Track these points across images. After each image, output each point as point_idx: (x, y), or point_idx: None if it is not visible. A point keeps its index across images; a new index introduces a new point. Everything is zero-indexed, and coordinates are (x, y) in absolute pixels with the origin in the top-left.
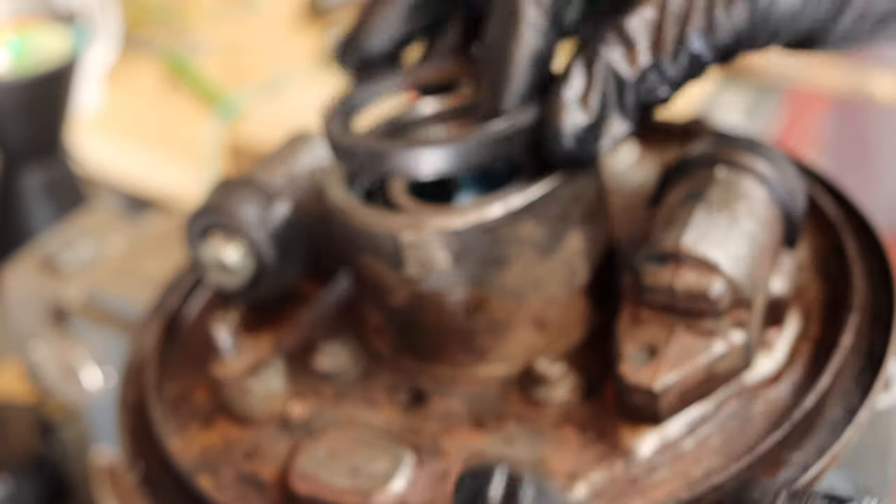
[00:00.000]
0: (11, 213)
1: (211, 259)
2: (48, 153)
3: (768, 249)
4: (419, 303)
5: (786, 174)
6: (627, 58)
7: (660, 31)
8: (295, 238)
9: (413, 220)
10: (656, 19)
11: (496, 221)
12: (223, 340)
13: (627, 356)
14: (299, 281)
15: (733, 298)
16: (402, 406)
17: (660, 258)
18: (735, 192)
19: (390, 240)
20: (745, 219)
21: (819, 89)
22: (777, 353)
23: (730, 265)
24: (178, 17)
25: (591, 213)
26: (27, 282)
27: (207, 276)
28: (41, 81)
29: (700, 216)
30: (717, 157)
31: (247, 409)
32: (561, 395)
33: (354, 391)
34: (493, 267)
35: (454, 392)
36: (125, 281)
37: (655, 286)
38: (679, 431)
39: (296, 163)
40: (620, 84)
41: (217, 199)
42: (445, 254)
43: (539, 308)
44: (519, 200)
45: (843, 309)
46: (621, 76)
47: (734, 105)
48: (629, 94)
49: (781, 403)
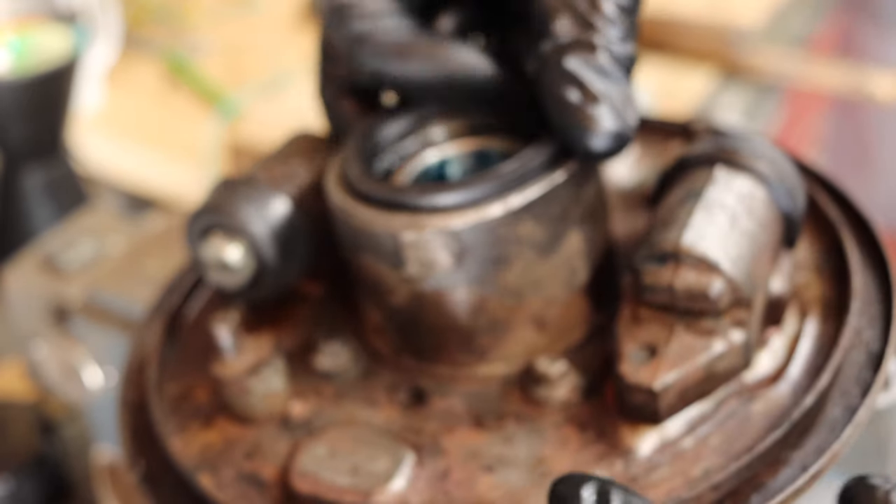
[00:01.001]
0: (12, 212)
1: (211, 258)
2: (49, 153)
3: (768, 249)
4: (419, 302)
5: (785, 174)
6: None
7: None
8: (295, 237)
9: (413, 219)
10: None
11: (496, 221)
12: (224, 340)
13: (627, 355)
14: (300, 280)
15: (733, 298)
16: (402, 405)
17: (660, 258)
18: (735, 192)
19: (391, 239)
20: (744, 218)
21: (819, 89)
22: (776, 351)
23: (729, 264)
24: (179, 16)
25: (591, 212)
26: (28, 281)
27: (208, 276)
28: (42, 81)
29: (700, 216)
30: (717, 157)
31: (247, 408)
32: (561, 395)
33: (355, 390)
34: (493, 266)
35: (454, 391)
36: (125, 280)
37: (655, 286)
38: (678, 430)
39: (296, 161)
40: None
41: (217, 199)
42: (446, 253)
43: (539, 308)
44: (519, 200)
45: (842, 308)
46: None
47: (734, 104)
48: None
49: (781, 402)
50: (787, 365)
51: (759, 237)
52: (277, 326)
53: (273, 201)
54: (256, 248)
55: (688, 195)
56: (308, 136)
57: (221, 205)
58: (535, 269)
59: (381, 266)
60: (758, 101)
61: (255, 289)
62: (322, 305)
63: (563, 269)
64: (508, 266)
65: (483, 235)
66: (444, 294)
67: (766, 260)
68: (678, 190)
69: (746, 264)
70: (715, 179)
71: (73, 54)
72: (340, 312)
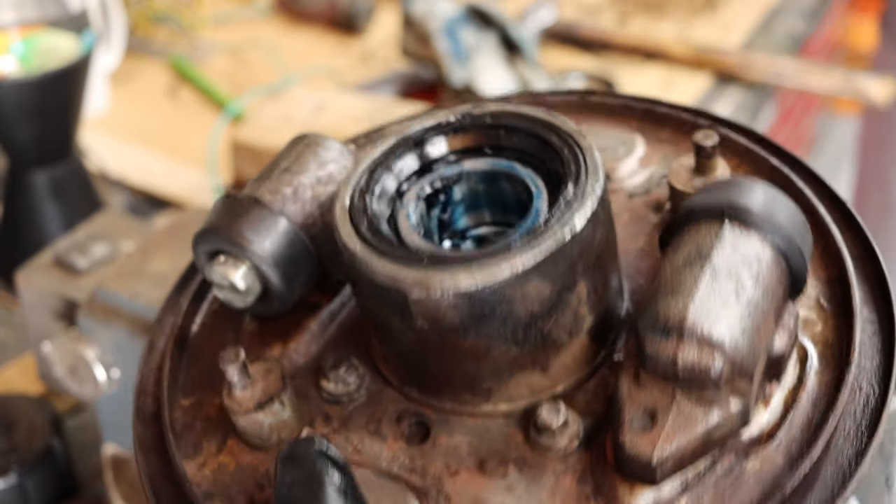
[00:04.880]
0: (23, 213)
1: (220, 280)
2: (58, 154)
3: (773, 315)
4: (425, 348)
5: (794, 230)
6: None
7: None
8: (302, 255)
9: (422, 277)
10: None
11: (504, 282)
12: (232, 375)
13: (628, 422)
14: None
15: (735, 373)
16: (407, 440)
17: (663, 330)
18: (742, 255)
19: (399, 295)
20: (751, 287)
21: (812, 90)
22: (773, 407)
23: (733, 345)
24: (183, 19)
25: (599, 259)
26: (42, 283)
27: (217, 292)
28: (49, 82)
29: (705, 286)
30: (726, 212)
31: (258, 438)
32: (562, 444)
33: (361, 418)
34: (500, 322)
35: (459, 428)
36: (135, 279)
37: (657, 357)
38: (673, 491)
39: (301, 170)
40: None
41: (222, 221)
42: (453, 312)
43: (544, 355)
44: (527, 261)
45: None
46: None
47: (728, 105)
48: None
49: (775, 461)
50: (783, 421)
51: (765, 306)
52: (286, 338)
53: (278, 220)
54: (262, 273)
55: (695, 256)
56: (312, 139)
57: (226, 229)
58: (541, 323)
59: (388, 312)
60: (751, 103)
61: (263, 306)
62: (330, 318)
63: (569, 319)
64: (516, 320)
65: (491, 295)
66: (449, 343)
67: (770, 327)
68: (685, 245)
69: (750, 339)
70: (722, 239)
71: (79, 57)
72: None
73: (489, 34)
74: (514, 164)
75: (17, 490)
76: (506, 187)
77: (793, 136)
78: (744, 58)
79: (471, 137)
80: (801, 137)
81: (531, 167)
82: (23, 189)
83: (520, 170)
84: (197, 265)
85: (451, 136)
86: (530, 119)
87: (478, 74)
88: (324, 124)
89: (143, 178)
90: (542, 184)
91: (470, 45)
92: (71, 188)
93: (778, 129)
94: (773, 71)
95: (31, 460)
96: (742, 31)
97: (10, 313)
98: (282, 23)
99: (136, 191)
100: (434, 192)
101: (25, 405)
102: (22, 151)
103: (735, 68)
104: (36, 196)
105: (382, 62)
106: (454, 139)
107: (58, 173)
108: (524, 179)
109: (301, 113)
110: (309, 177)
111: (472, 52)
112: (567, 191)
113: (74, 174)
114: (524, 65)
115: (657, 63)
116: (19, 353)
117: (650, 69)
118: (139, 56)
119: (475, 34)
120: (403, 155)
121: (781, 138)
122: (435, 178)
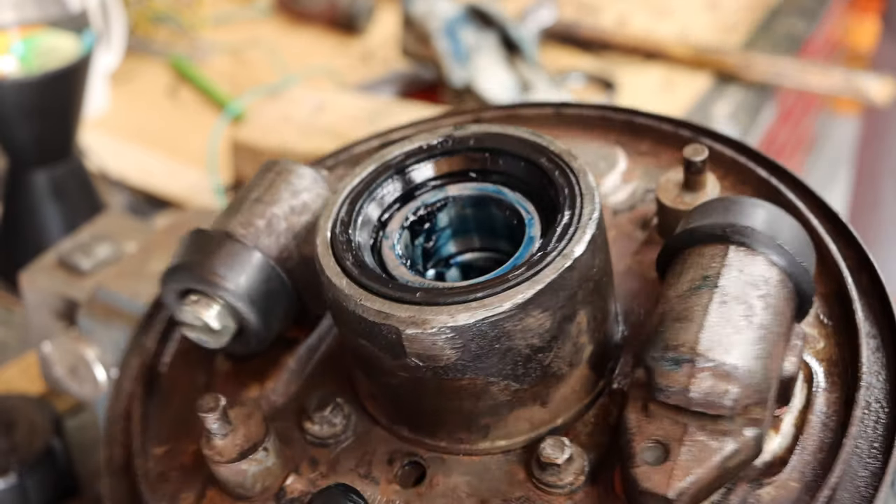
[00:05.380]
0: (23, 213)
1: (192, 320)
2: (59, 153)
3: (783, 338)
4: (418, 385)
5: (798, 250)
6: None
7: None
8: (279, 290)
9: (416, 313)
10: None
11: (502, 315)
12: (212, 423)
13: (639, 455)
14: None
15: (750, 400)
16: (401, 483)
17: (674, 360)
18: (749, 277)
19: (392, 332)
20: (760, 310)
21: (812, 90)
22: (783, 430)
23: (747, 372)
24: (183, 19)
25: (597, 287)
26: (46, 284)
27: (188, 333)
28: (50, 82)
29: (716, 314)
30: (729, 237)
31: (241, 488)
32: (567, 479)
33: (350, 460)
34: (498, 357)
35: (456, 466)
36: (135, 279)
37: (669, 388)
38: None
39: (273, 200)
40: None
41: (192, 258)
42: (449, 348)
43: (544, 388)
44: (526, 294)
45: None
46: None
47: (728, 105)
48: None
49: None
50: (794, 445)
51: (775, 328)
52: (262, 378)
53: (252, 258)
54: (237, 311)
55: (701, 281)
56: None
57: (196, 265)
58: (541, 355)
59: (378, 350)
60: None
61: (238, 346)
62: (309, 354)
63: (569, 349)
64: (515, 354)
65: (488, 329)
66: (445, 381)
67: (781, 351)
68: (689, 269)
69: (763, 364)
70: (729, 262)
71: (79, 57)
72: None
73: (489, 34)
74: (501, 189)
75: (17, 490)
76: (495, 212)
77: (793, 135)
78: (744, 58)
79: (455, 161)
80: (801, 137)
81: (519, 191)
82: (23, 189)
83: (508, 194)
84: (166, 304)
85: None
86: (516, 140)
87: (478, 74)
88: (324, 124)
89: (144, 178)
90: (532, 208)
91: (470, 45)
92: (71, 188)
93: (778, 129)
94: (773, 71)
95: (32, 460)
96: (742, 31)
97: (10, 313)
98: (282, 23)
99: (137, 191)
100: (418, 219)
101: (25, 405)
102: (22, 151)
103: (735, 68)
104: (36, 196)
105: (382, 62)
106: (438, 164)
107: (58, 173)
108: (513, 204)
109: (301, 113)
110: (282, 207)
111: (472, 52)
112: (563, 217)
113: (74, 174)
114: (524, 65)
115: (657, 63)
116: (20, 353)
117: (650, 69)
118: (139, 56)
119: (475, 34)
120: (385, 182)
121: (781, 138)
122: (419, 205)
